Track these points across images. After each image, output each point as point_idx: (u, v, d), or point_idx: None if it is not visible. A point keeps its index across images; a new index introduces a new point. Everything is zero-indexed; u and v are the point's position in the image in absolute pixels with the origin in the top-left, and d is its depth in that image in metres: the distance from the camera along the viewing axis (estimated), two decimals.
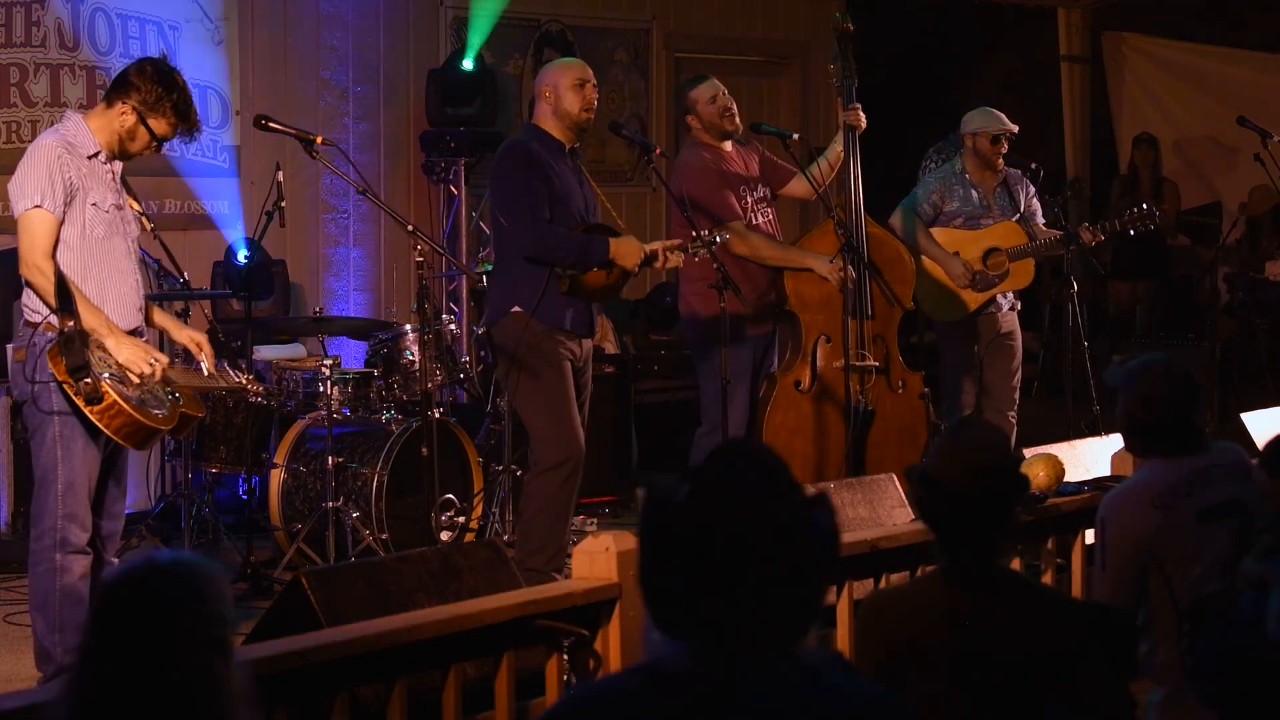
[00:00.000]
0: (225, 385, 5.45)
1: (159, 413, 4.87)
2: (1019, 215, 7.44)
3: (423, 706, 3.63)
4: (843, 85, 6.78)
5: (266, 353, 7.53)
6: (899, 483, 5.51)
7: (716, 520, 1.96)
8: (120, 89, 5.00)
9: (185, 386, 5.04)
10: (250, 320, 6.74)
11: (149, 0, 8.09)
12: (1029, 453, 5.23)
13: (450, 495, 6.73)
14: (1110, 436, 5.64)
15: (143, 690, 2.10)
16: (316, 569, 4.83)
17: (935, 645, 3.07)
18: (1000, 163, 7.42)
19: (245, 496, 6.95)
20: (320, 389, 6.77)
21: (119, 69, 5.17)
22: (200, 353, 5.18)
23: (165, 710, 2.09)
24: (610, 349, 8.53)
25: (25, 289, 4.90)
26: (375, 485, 6.60)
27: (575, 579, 3.97)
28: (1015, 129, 7.38)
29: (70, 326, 4.69)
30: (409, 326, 6.99)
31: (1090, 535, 4.51)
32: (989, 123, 7.37)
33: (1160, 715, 3.94)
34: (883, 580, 4.52)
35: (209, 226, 8.32)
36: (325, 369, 6.80)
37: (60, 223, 4.84)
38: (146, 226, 5.32)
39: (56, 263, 4.81)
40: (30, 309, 4.88)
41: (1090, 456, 5.71)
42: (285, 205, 6.46)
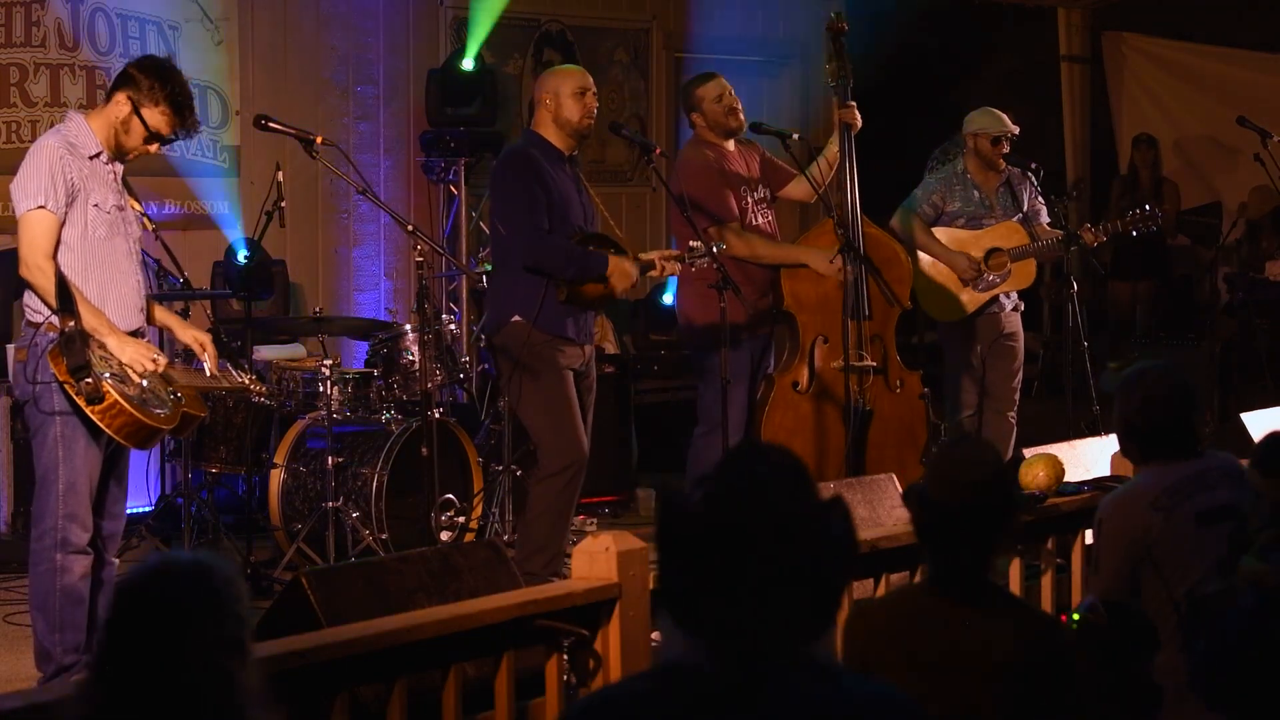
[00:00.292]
0: (227, 385, 5.46)
1: (160, 412, 4.86)
2: (1021, 215, 7.44)
3: (423, 706, 3.63)
4: (838, 84, 6.78)
5: (266, 353, 7.53)
6: (898, 483, 5.51)
7: (736, 521, 1.96)
8: (119, 82, 5.02)
9: (187, 386, 5.04)
10: (250, 320, 6.74)
11: (149, 0, 8.09)
12: (1029, 453, 5.23)
13: (450, 495, 6.73)
14: (1110, 436, 5.62)
15: (160, 690, 2.11)
16: (316, 569, 4.83)
17: (916, 654, 3.09)
18: (1002, 163, 7.41)
19: (245, 496, 6.95)
20: (320, 389, 6.77)
21: (119, 69, 5.17)
22: (203, 352, 5.18)
23: (182, 710, 2.10)
24: (610, 349, 8.53)
25: (27, 289, 4.90)
26: (375, 485, 6.60)
27: (575, 579, 3.96)
28: (1016, 130, 7.38)
29: (71, 327, 4.68)
30: (409, 326, 6.99)
31: (1090, 536, 4.51)
32: (990, 124, 7.37)
33: (1161, 715, 3.94)
34: (883, 580, 4.52)
35: (209, 226, 8.32)
36: (325, 369, 6.80)
37: (61, 223, 4.84)
38: (148, 227, 5.32)
39: (57, 263, 4.81)
40: (32, 309, 4.88)
41: (1090, 456, 5.71)
42: (285, 205, 6.47)
